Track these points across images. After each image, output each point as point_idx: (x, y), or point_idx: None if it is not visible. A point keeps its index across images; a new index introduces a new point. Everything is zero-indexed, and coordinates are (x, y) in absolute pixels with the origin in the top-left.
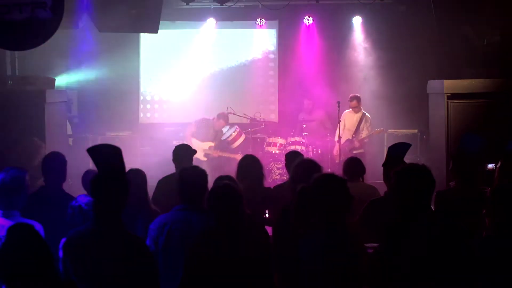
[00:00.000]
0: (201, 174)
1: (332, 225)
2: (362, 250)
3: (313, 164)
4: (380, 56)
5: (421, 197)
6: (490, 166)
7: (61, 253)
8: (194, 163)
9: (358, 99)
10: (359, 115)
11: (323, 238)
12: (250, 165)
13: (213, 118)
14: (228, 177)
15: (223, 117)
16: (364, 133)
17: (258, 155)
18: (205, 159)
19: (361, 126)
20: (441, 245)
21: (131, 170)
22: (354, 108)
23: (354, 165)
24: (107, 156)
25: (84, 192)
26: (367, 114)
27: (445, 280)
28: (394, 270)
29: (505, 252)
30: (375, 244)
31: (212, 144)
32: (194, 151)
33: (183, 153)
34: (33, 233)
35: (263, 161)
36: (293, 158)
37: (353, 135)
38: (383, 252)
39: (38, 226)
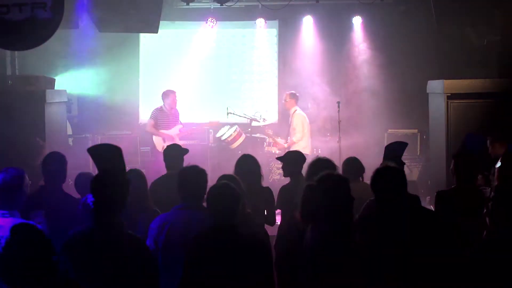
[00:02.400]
0: (201, 173)
1: (335, 221)
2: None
3: (328, 162)
4: (380, 56)
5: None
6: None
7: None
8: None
9: (290, 95)
10: (292, 113)
11: (327, 233)
12: (248, 165)
13: (163, 105)
14: (230, 177)
15: (165, 96)
16: (295, 134)
17: (258, 155)
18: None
19: (292, 126)
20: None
21: (131, 170)
22: (285, 103)
23: (354, 165)
24: (108, 156)
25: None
26: (298, 112)
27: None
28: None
29: (506, 251)
30: None
31: (181, 126)
32: (186, 150)
33: (173, 153)
34: (36, 232)
35: (263, 161)
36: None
37: (288, 137)
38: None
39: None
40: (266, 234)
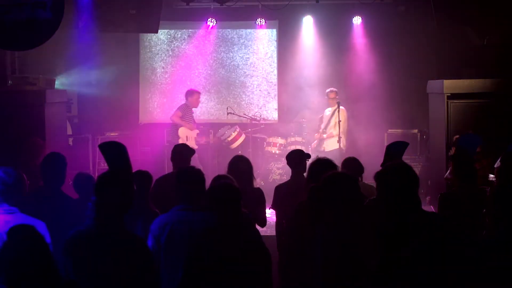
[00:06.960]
0: (198, 173)
1: (344, 220)
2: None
3: (328, 162)
4: (380, 56)
5: (406, 195)
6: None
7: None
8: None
9: (336, 92)
10: (333, 109)
11: (336, 233)
12: (240, 166)
13: (186, 102)
14: (225, 177)
15: (190, 94)
16: (333, 126)
17: (258, 155)
18: (196, 147)
19: (332, 119)
20: (435, 246)
21: (139, 172)
22: (331, 100)
23: (354, 165)
24: (117, 154)
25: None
26: (341, 107)
27: (439, 277)
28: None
29: (505, 251)
30: None
31: (198, 131)
32: (193, 151)
33: (181, 153)
34: (34, 234)
35: (263, 161)
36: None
37: (323, 130)
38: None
39: (39, 224)
40: (258, 233)
